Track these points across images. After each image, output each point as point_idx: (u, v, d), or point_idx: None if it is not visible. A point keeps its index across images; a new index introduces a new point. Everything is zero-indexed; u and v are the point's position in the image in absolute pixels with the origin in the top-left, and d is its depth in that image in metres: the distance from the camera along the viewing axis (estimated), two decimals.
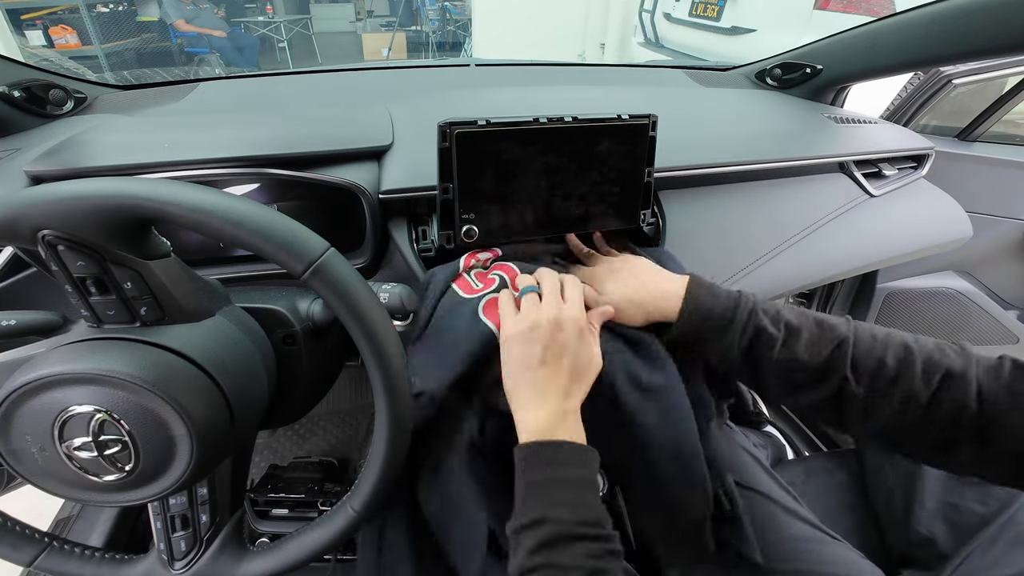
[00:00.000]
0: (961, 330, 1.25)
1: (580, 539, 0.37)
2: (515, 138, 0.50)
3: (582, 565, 0.35)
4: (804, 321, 0.45)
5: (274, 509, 0.84)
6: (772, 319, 0.45)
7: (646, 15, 3.30)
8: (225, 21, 5.14)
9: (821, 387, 0.43)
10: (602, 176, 0.55)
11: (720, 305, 0.47)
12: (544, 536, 0.37)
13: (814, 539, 0.56)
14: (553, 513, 0.38)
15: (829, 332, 0.44)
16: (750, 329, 0.45)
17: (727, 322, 0.46)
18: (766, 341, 0.45)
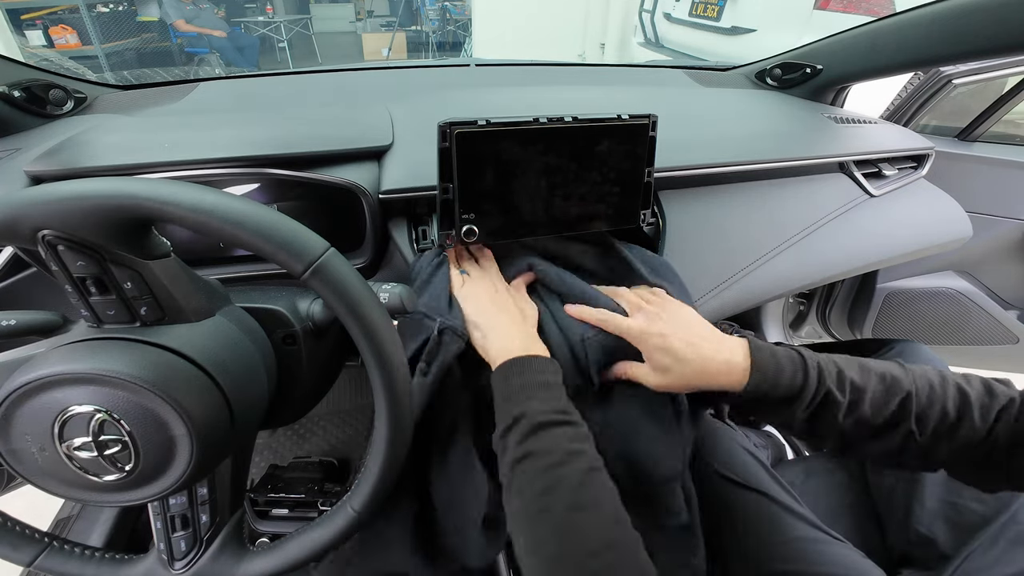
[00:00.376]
0: (961, 330, 1.25)
1: (556, 424, 0.42)
2: (515, 138, 0.50)
3: (561, 446, 0.40)
4: (867, 379, 0.44)
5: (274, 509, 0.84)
6: (838, 383, 0.44)
7: (646, 15, 3.30)
8: (225, 21, 5.14)
9: (885, 440, 0.43)
10: (602, 176, 0.55)
11: (787, 377, 0.44)
12: (524, 428, 0.42)
13: (815, 539, 0.56)
14: (528, 407, 0.43)
15: (893, 387, 0.43)
16: (818, 399, 0.43)
17: (795, 395, 0.44)
18: (832, 407, 0.43)
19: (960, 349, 1.29)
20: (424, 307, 0.52)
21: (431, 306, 0.52)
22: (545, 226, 0.56)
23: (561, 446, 0.40)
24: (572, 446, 0.41)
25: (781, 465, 0.77)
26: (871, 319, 1.22)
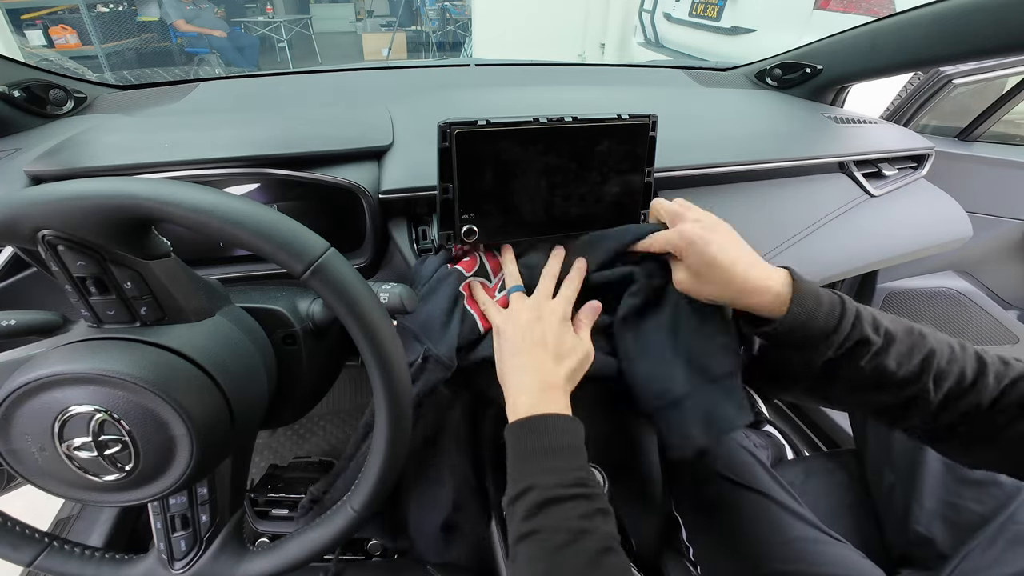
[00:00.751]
0: (961, 330, 1.25)
1: (566, 500, 0.38)
2: (515, 138, 0.50)
3: (568, 526, 0.37)
4: (898, 328, 0.43)
5: (274, 509, 0.84)
6: (873, 326, 0.42)
7: (646, 15, 3.30)
8: (225, 21, 5.14)
9: (897, 394, 0.42)
10: (602, 176, 0.55)
11: (824, 310, 0.42)
12: (532, 502, 0.38)
13: (815, 539, 0.57)
14: (539, 480, 0.39)
15: (920, 343, 0.42)
16: (852, 340, 0.42)
17: (830, 331, 0.42)
18: (862, 349, 0.42)
19: None
20: (418, 325, 0.52)
21: (423, 326, 0.51)
22: (545, 226, 0.56)
23: (570, 525, 0.37)
24: (582, 524, 0.37)
25: (781, 465, 0.77)
26: None
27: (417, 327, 0.52)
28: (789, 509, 0.59)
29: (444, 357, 0.50)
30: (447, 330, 0.51)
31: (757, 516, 0.59)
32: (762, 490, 0.61)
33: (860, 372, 0.42)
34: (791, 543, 0.56)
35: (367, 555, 0.82)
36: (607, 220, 0.57)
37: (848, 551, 0.56)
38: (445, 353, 0.50)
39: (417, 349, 0.51)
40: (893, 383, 0.42)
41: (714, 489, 0.63)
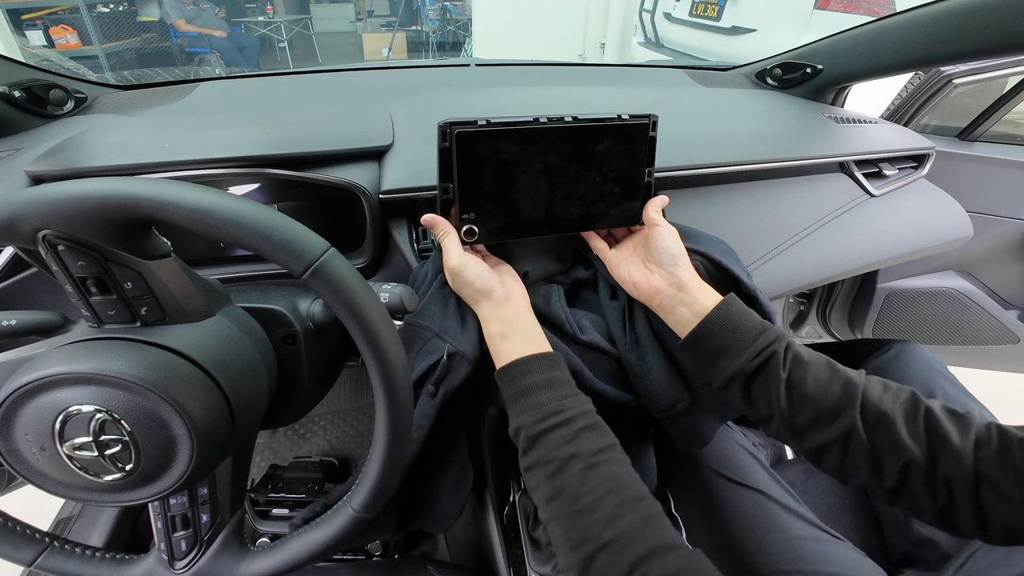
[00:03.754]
0: (961, 330, 1.25)
1: (548, 431, 0.43)
2: (515, 138, 0.50)
3: (557, 453, 0.42)
4: (814, 357, 0.45)
5: (274, 509, 0.84)
6: (792, 351, 0.45)
7: (646, 15, 3.30)
8: (225, 21, 5.14)
9: (830, 426, 0.42)
10: (602, 176, 0.55)
11: (750, 321, 0.47)
12: (523, 440, 0.45)
13: (815, 538, 0.56)
14: (522, 420, 0.45)
15: (840, 372, 0.44)
16: (766, 353, 0.44)
17: (749, 340, 0.45)
18: (774, 364, 0.44)
19: (960, 349, 1.29)
20: (436, 326, 0.53)
21: (442, 326, 0.53)
22: (546, 226, 0.56)
23: (556, 453, 0.42)
24: (566, 450, 0.42)
25: (782, 465, 0.77)
26: (871, 319, 1.22)
27: (437, 325, 0.53)
28: (788, 508, 0.59)
29: (469, 352, 0.52)
30: (465, 326, 0.53)
31: (756, 515, 0.59)
32: (761, 489, 0.61)
33: (775, 390, 0.43)
34: (791, 542, 0.56)
35: (367, 555, 0.82)
36: (608, 220, 0.57)
37: (848, 550, 0.56)
38: (469, 348, 0.52)
39: (440, 347, 0.52)
40: (819, 410, 0.42)
41: (713, 488, 0.63)
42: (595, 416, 0.45)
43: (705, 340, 0.47)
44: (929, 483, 0.39)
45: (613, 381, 0.57)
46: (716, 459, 0.65)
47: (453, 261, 0.50)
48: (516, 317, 0.51)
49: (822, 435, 0.42)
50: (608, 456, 0.42)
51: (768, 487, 0.62)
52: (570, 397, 0.46)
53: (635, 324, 0.57)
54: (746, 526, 0.59)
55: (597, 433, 0.44)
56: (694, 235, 0.60)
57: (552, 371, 0.47)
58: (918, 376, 0.74)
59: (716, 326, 0.47)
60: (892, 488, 0.40)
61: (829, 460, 0.43)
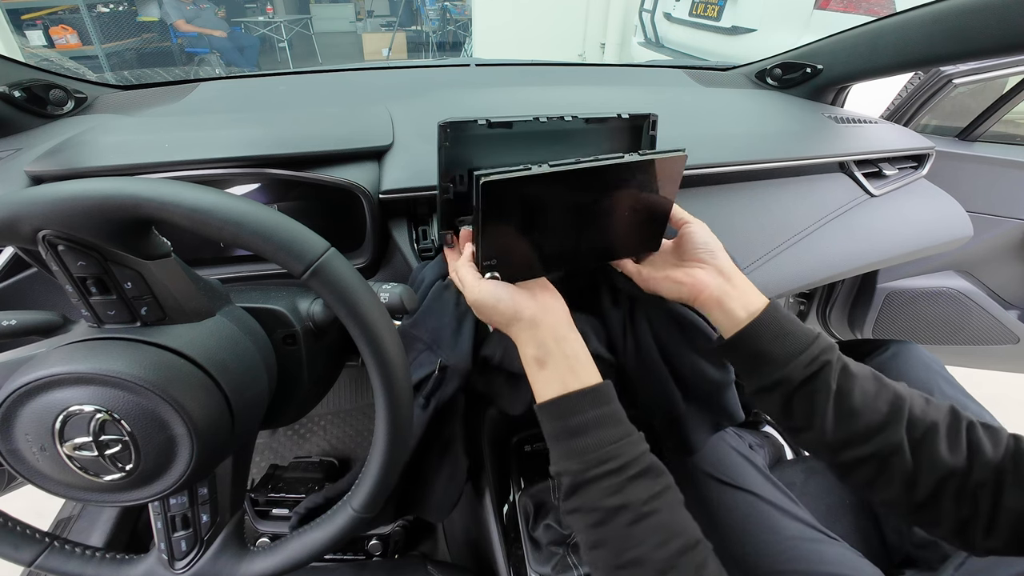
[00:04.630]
0: (961, 330, 1.25)
1: (594, 481, 0.39)
2: (543, 182, 0.44)
3: (602, 504, 0.38)
4: (864, 371, 0.43)
5: (274, 509, 0.84)
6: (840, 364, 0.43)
7: (646, 15, 3.30)
8: (225, 21, 5.14)
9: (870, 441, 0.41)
10: (628, 210, 0.51)
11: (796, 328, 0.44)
12: (566, 486, 0.40)
13: (811, 539, 0.57)
14: (566, 466, 0.40)
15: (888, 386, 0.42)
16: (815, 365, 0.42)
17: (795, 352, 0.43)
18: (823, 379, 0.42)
19: (960, 349, 1.29)
20: (428, 336, 0.52)
21: (434, 337, 0.52)
22: (567, 261, 0.54)
23: (602, 503, 0.38)
24: (613, 501, 0.38)
25: (781, 465, 0.77)
26: (871, 319, 1.22)
27: (430, 337, 0.53)
28: (783, 509, 0.59)
29: (460, 365, 0.51)
30: (459, 337, 0.52)
31: (750, 517, 0.59)
32: (754, 491, 0.61)
33: (823, 402, 0.42)
34: (786, 543, 0.56)
35: (367, 555, 0.82)
36: (629, 248, 0.55)
37: (845, 550, 0.56)
38: (461, 361, 0.51)
39: (432, 361, 0.52)
40: (863, 424, 0.41)
41: (705, 491, 0.63)
42: (648, 458, 0.41)
43: (753, 341, 0.44)
44: (959, 494, 0.38)
45: None
46: (708, 462, 0.65)
47: (473, 293, 0.46)
48: (553, 338, 0.44)
49: (861, 449, 0.41)
50: (659, 504, 0.38)
51: (761, 489, 0.62)
52: (622, 441, 0.40)
53: (637, 331, 0.57)
54: (740, 528, 0.59)
55: (649, 479, 0.39)
56: None
57: (600, 407, 0.42)
58: (916, 376, 0.74)
59: (765, 328, 0.44)
60: (921, 502, 0.39)
61: (861, 474, 0.42)
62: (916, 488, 0.39)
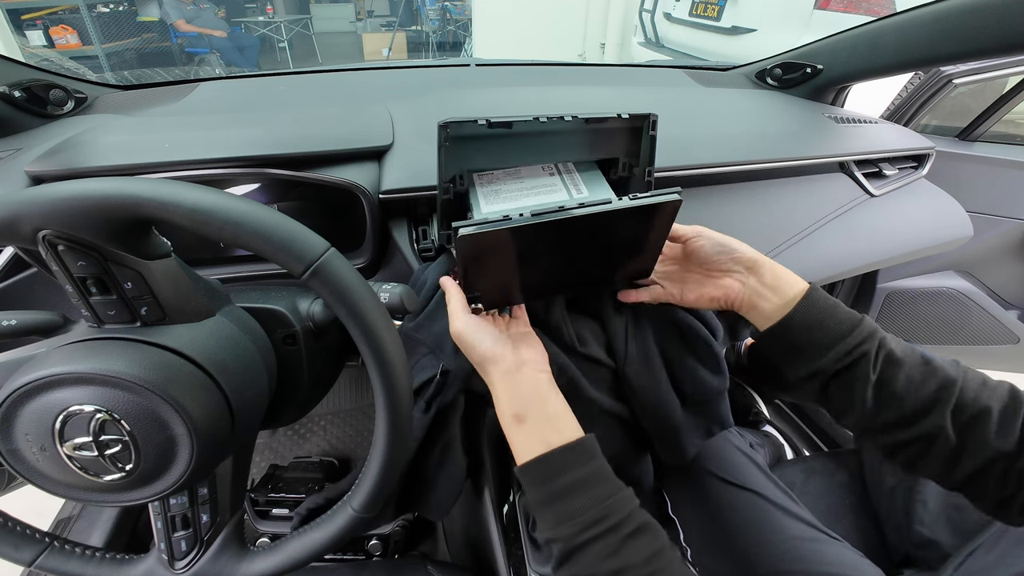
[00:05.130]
0: (961, 330, 1.25)
1: (588, 544, 0.36)
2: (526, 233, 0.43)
3: (598, 570, 0.36)
4: (911, 355, 0.42)
5: (274, 509, 0.84)
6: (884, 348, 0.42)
7: (646, 15, 3.30)
8: (225, 21, 5.14)
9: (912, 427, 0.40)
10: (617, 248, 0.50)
11: (841, 315, 0.43)
12: (558, 554, 0.38)
13: (812, 539, 0.57)
14: (557, 532, 0.38)
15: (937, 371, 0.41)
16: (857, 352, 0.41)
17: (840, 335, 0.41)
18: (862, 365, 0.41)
19: (960, 349, 1.29)
20: (431, 340, 0.52)
21: (437, 342, 0.52)
22: (554, 291, 0.54)
23: (599, 568, 0.36)
24: (611, 564, 0.36)
25: (781, 465, 0.77)
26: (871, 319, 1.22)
27: (432, 341, 0.53)
28: (785, 509, 0.59)
29: (462, 370, 0.51)
30: None
31: (753, 516, 0.59)
32: (757, 490, 0.61)
33: (861, 391, 0.41)
34: (788, 542, 0.56)
35: (367, 555, 0.82)
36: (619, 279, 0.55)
37: (846, 550, 0.56)
38: (463, 365, 0.51)
39: (435, 365, 0.52)
40: (907, 410, 0.40)
41: (709, 490, 0.63)
42: (642, 514, 0.39)
43: (785, 336, 0.43)
44: (1004, 476, 0.37)
45: (609, 392, 0.58)
46: (711, 461, 0.65)
47: (456, 324, 0.45)
48: (533, 393, 0.43)
49: (905, 433, 0.40)
50: (660, 564, 0.36)
51: (764, 488, 0.62)
52: (613, 497, 0.38)
53: (639, 338, 0.57)
54: (742, 527, 0.59)
55: (646, 538, 0.37)
56: None
57: (587, 464, 0.39)
58: None
59: (797, 322, 0.43)
60: (963, 480, 0.39)
61: (903, 455, 0.41)
62: (959, 467, 0.38)
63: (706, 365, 0.58)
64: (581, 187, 0.54)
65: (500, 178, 0.55)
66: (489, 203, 0.52)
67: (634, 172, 0.60)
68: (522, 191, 0.53)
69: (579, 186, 0.55)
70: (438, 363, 0.52)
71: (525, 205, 0.51)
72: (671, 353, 0.58)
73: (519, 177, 0.55)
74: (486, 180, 0.54)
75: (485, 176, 0.54)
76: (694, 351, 0.58)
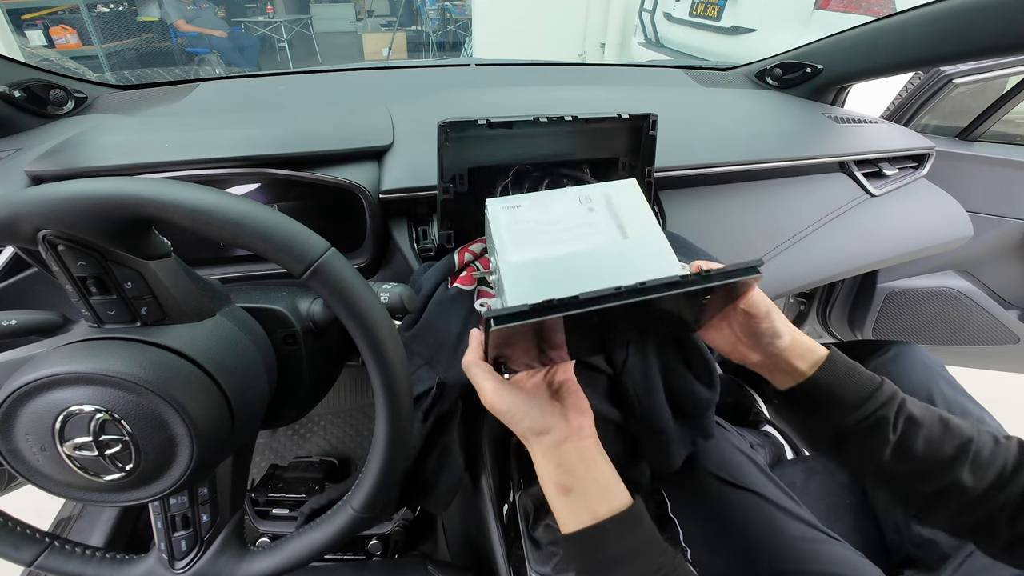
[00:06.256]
0: (961, 330, 1.25)
1: None
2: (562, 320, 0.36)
3: None
4: (929, 416, 0.43)
5: (274, 509, 0.84)
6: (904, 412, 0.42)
7: (646, 15, 3.30)
8: (225, 21, 5.14)
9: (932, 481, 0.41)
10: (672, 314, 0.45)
11: (858, 380, 0.43)
12: None
13: (812, 539, 0.57)
14: None
15: (955, 431, 0.42)
16: (875, 416, 0.42)
17: (859, 401, 0.42)
18: (881, 428, 0.42)
19: (960, 349, 1.29)
20: (428, 351, 0.52)
21: (433, 353, 0.52)
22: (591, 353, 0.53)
23: None
24: None
25: (781, 465, 0.77)
26: (871, 319, 1.22)
27: (428, 353, 0.52)
28: (785, 509, 0.59)
29: (458, 382, 0.51)
30: (458, 351, 0.52)
31: (752, 516, 0.59)
32: (756, 490, 0.61)
33: (880, 452, 0.41)
34: (788, 542, 0.56)
35: (367, 555, 0.82)
36: (661, 337, 0.56)
37: (846, 550, 0.56)
38: (459, 376, 0.49)
39: (431, 376, 0.51)
40: (924, 467, 0.41)
41: (708, 490, 0.63)
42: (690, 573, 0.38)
43: (806, 398, 0.44)
44: (1014, 518, 0.38)
45: (608, 399, 0.59)
46: (711, 461, 0.65)
47: (490, 399, 0.39)
48: (579, 462, 0.39)
49: (923, 486, 0.41)
50: None
51: (764, 488, 0.62)
52: (663, 568, 0.37)
53: (639, 347, 0.58)
54: (742, 527, 0.59)
55: None
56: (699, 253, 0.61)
57: (636, 531, 0.38)
58: (917, 378, 0.74)
59: (818, 386, 0.43)
60: (974, 525, 0.40)
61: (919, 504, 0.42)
62: (971, 515, 0.39)
63: (700, 379, 0.59)
64: (626, 227, 0.46)
65: (527, 208, 0.47)
66: (519, 246, 0.44)
67: (634, 172, 0.60)
68: (556, 231, 0.45)
69: (623, 226, 0.46)
70: (434, 375, 0.52)
71: (563, 253, 0.44)
72: (669, 364, 0.58)
73: (549, 207, 0.47)
74: (512, 211, 0.47)
75: (510, 205, 0.47)
76: (690, 363, 0.59)
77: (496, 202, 0.46)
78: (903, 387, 0.45)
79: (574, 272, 0.43)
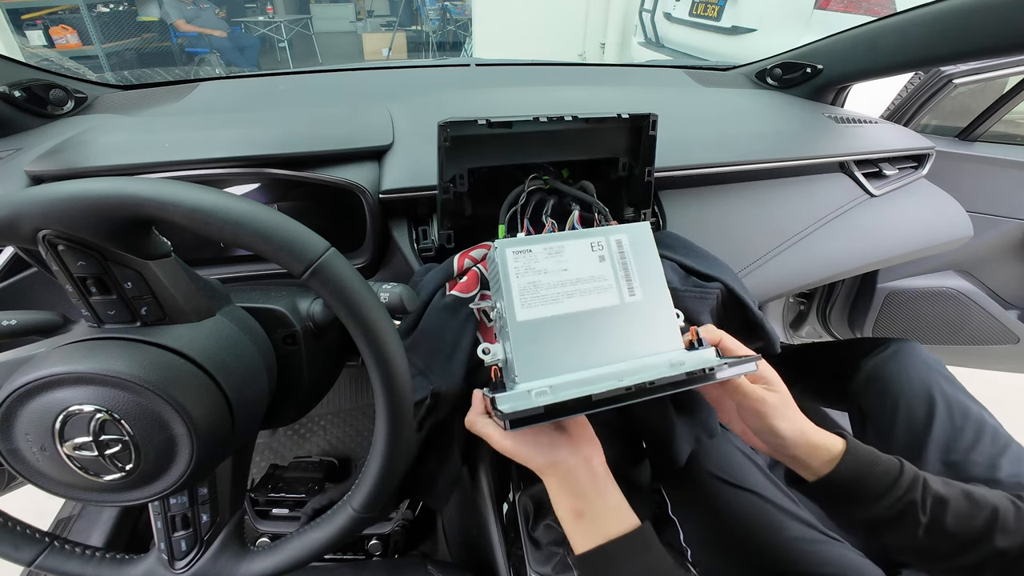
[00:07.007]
0: (961, 330, 1.25)
1: None
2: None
3: None
4: (952, 492, 0.43)
5: (274, 509, 0.84)
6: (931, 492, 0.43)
7: (646, 15, 3.30)
8: (225, 21, 5.14)
9: (969, 553, 0.41)
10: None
11: (880, 471, 0.44)
12: None
13: (812, 539, 0.57)
14: None
15: (982, 502, 0.43)
16: (904, 502, 0.42)
17: (883, 491, 0.43)
18: (912, 512, 0.42)
19: (960, 349, 1.29)
20: (422, 361, 0.52)
21: (428, 363, 0.52)
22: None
23: None
24: None
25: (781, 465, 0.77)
26: (871, 319, 1.22)
27: (423, 362, 0.52)
28: (785, 510, 0.59)
29: (452, 391, 0.51)
30: (453, 361, 0.52)
31: (753, 517, 0.59)
32: (757, 491, 0.61)
33: (912, 532, 0.42)
34: (788, 543, 0.56)
35: (367, 555, 0.82)
36: None
37: (846, 550, 0.56)
38: (453, 387, 0.51)
39: (425, 387, 0.51)
40: (957, 543, 0.41)
41: (709, 491, 0.63)
42: None
43: (830, 490, 0.45)
44: None
45: None
46: (712, 461, 0.65)
47: (498, 443, 0.43)
48: (591, 488, 0.42)
49: (956, 561, 0.42)
50: None
51: (764, 489, 0.62)
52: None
53: None
54: (742, 528, 0.59)
55: None
56: (706, 257, 0.61)
57: (646, 554, 0.40)
58: (916, 375, 0.73)
59: (841, 479, 0.44)
60: None
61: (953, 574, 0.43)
62: None
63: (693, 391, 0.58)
64: (635, 285, 0.47)
65: (538, 254, 0.46)
66: (527, 302, 0.44)
67: (634, 172, 0.60)
68: (566, 287, 0.45)
69: (632, 278, 0.47)
70: (429, 385, 0.51)
71: (569, 313, 0.44)
72: None
73: (562, 257, 0.46)
74: (521, 256, 0.45)
75: (520, 249, 0.45)
76: None
77: (506, 244, 0.45)
78: (903, 384, 0.45)
79: (578, 331, 0.44)
